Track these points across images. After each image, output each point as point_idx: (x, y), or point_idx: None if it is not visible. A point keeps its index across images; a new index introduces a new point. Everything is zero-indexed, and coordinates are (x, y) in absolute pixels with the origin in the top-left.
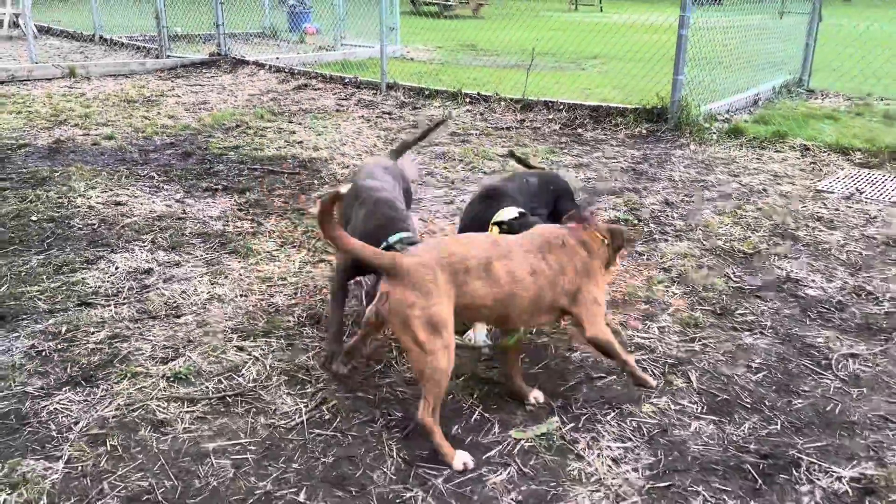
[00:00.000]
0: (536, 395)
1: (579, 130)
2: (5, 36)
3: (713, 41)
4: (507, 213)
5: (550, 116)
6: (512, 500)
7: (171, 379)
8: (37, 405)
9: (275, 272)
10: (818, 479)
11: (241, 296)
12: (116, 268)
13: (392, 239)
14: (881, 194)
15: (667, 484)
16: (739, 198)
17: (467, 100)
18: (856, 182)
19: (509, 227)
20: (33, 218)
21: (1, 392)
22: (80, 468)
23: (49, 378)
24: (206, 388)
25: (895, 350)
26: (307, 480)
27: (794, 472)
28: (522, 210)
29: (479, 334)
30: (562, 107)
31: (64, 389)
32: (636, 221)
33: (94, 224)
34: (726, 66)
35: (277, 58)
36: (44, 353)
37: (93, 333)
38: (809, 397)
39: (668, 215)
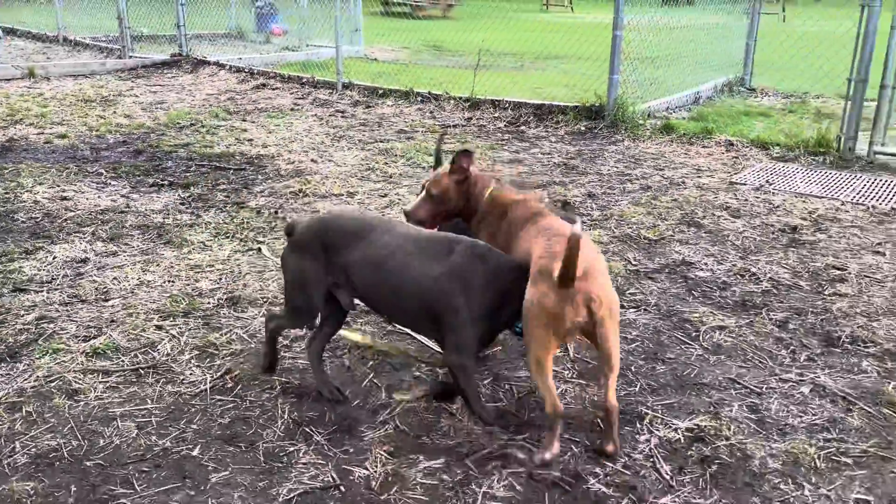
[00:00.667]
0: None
1: (522, 128)
2: None
3: (651, 42)
4: None
5: (497, 115)
6: (384, 451)
7: (90, 354)
8: None
9: (204, 260)
10: (657, 430)
11: (168, 281)
12: (54, 257)
13: None
14: (789, 186)
15: (526, 435)
16: (658, 190)
17: (418, 98)
18: (768, 175)
19: None
20: None
21: None
22: None
23: None
24: (122, 361)
25: (760, 323)
26: (203, 438)
27: (637, 424)
28: None
29: None
30: (507, 105)
31: None
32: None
33: (38, 217)
34: (665, 66)
35: (240, 58)
36: None
37: (22, 316)
38: (672, 364)
39: (588, 206)
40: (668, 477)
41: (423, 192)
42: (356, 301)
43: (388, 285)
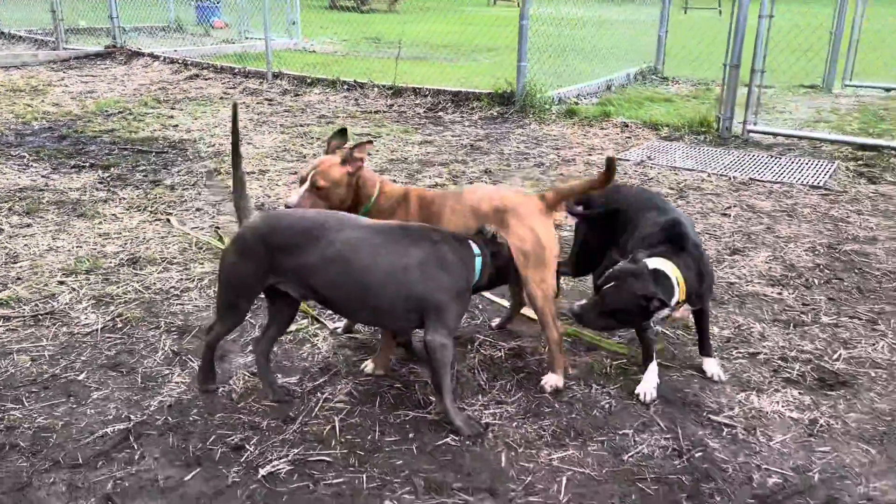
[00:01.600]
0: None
1: (440, 113)
2: None
3: (559, 33)
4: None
5: (417, 101)
6: (247, 372)
7: None
8: None
9: (113, 229)
10: (484, 350)
11: (76, 247)
12: None
13: None
14: (666, 160)
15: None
16: (550, 167)
17: (344, 87)
18: (651, 151)
19: None
20: None
21: None
22: None
23: None
24: (23, 309)
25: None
26: (89, 367)
27: (469, 346)
28: None
29: None
30: (428, 93)
31: None
32: (446, 185)
33: None
34: (575, 56)
35: (175, 50)
36: None
37: None
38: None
39: (481, 181)
40: (482, 383)
41: (307, 184)
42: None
43: (359, 282)
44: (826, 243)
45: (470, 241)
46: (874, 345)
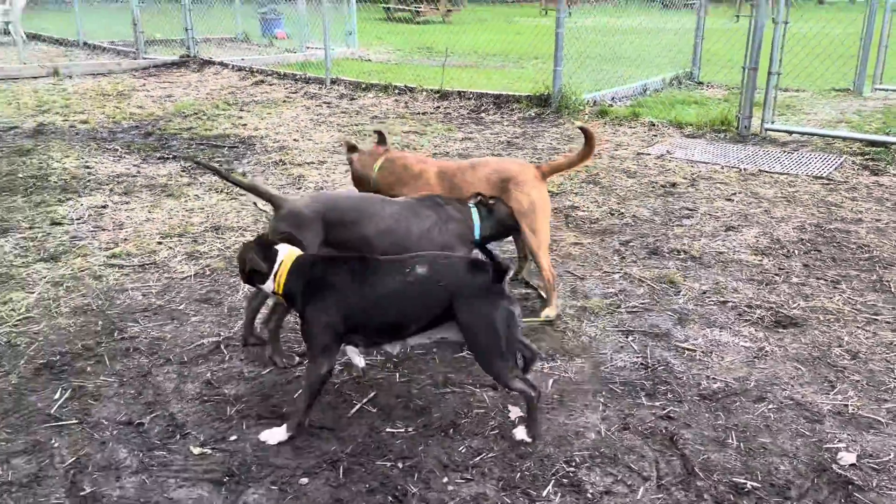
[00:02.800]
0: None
1: (482, 115)
2: None
3: (596, 41)
4: None
5: (462, 104)
6: None
7: (109, 257)
8: (20, 271)
9: (197, 205)
10: None
11: (169, 218)
12: (81, 204)
13: None
14: (685, 154)
15: None
16: None
17: (396, 91)
18: (672, 147)
19: None
20: (20, 175)
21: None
22: (44, 297)
23: (28, 258)
24: (133, 261)
25: (608, 242)
26: (186, 300)
27: None
28: None
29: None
30: (472, 95)
31: (38, 263)
32: None
33: (67, 179)
34: (612, 62)
35: (242, 59)
36: (25, 248)
37: (59, 237)
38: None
39: None
40: None
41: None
42: None
43: (402, 245)
44: (815, 223)
45: (469, 203)
46: (831, 298)
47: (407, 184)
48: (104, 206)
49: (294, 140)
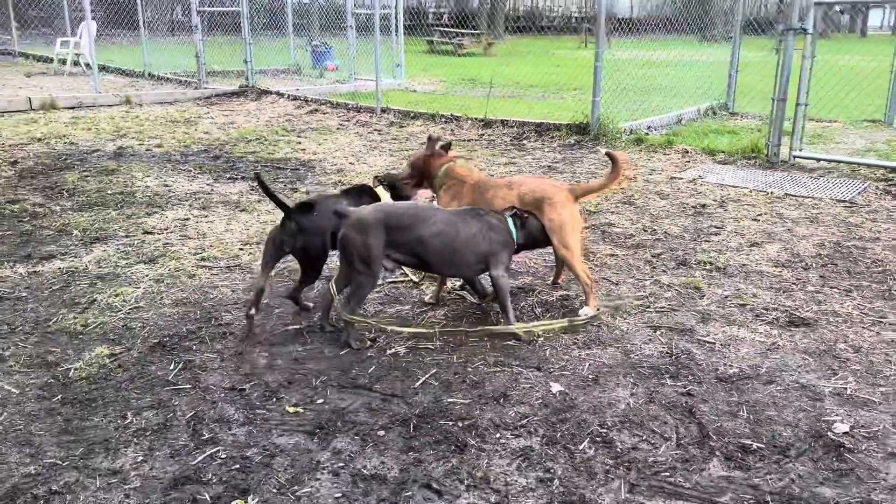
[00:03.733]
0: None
1: (524, 141)
2: (68, 73)
3: (635, 73)
4: None
5: (504, 131)
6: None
7: (200, 260)
8: (125, 271)
9: (269, 219)
10: (539, 296)
11: (245, 229)
12: (166, 217)
13: None
14: (716, 179)
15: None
16: None
17: (442, 119)
18: (704, 172)
19: None
20: (109, 192)
21: (107, 266)
22: (149, 291)
23: (130, 260)
24: (220, 263)
25: (641, 254)
26: (270, 296)
27: (526, 295)
28: None
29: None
30: (514, 124)
31: (138, 266)
32: None
33: (150, 196)
34: (648, 93)
35: (297, 89)
36: (126, 252)
37: (153, 244)
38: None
39: None
40: (538, 314)
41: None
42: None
43: (451, 248)
44: (834, 241)
45: (505, 215)
46: (842, 304)
47: (460, 193)
48: (187, 219)
49: (350, 163)
